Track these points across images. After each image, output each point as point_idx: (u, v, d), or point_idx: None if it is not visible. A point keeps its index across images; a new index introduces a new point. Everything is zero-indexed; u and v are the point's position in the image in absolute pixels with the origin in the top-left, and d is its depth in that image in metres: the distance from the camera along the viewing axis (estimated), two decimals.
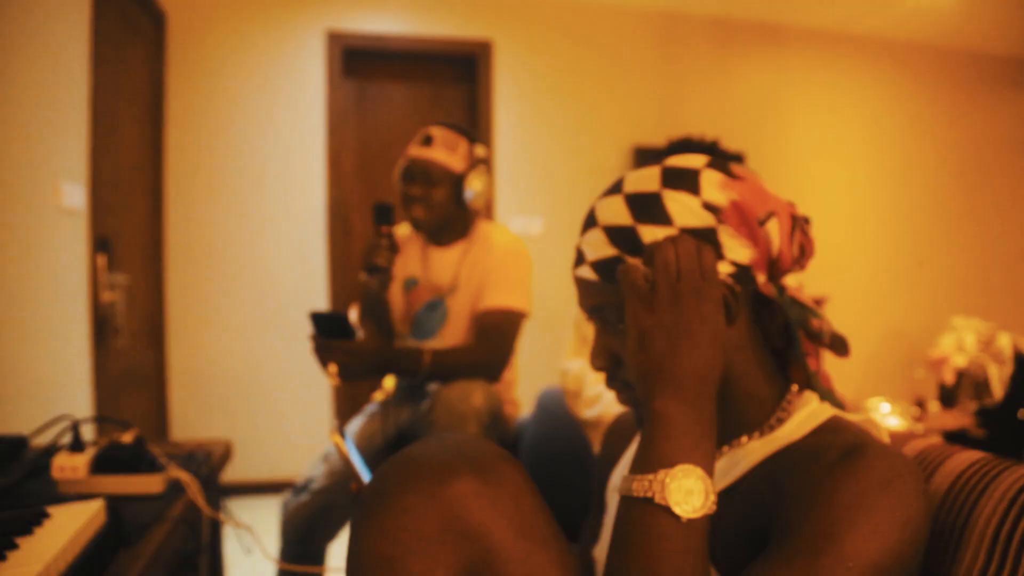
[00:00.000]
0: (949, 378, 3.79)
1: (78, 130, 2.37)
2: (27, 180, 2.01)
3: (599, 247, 0.71)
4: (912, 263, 4.77)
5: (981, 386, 3.58)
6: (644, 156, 4.05)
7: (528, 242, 3.74)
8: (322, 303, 3.69)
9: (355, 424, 1.95)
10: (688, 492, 0.58)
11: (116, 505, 0.88)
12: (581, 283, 0.74)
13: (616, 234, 0.70)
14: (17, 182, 1.95)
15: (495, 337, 1.76)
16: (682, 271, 0.64)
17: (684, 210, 0.68)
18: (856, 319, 4.62)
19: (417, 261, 1.93)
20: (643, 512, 0.59)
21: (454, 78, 4.05)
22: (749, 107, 4.40)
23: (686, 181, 0.70)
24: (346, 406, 3.70)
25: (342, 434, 0.78)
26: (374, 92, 3.95)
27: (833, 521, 0.57)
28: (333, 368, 1.55)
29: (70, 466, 1.03)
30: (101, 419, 1.22)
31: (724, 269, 0.68)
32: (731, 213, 0.69)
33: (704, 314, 0.64)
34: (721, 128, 4.25)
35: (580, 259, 0.73)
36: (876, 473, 0.59)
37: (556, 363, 1.92)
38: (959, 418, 3.37)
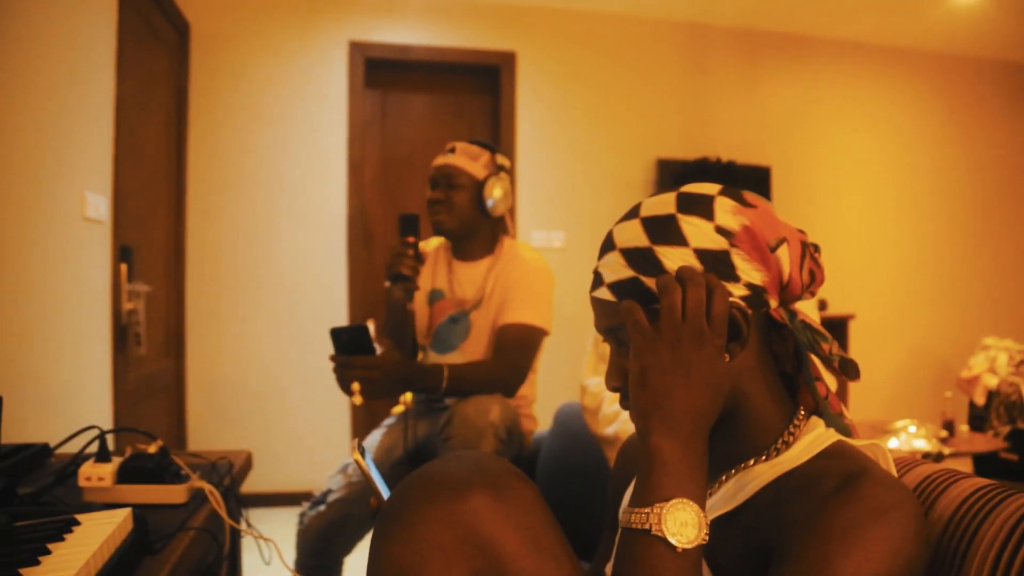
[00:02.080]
0: (980, 399, 3.73)
1: (103, 141, 2.40)
2: (53, 190, 2.04)
3: (617, 269, 0.73)
4: (942, 280, 4.70)
5: (1013, 407, 3.52)
6: (667, 169, 4.05)
7: (549, 256, 3.75)
8: (342, 314, 3.71)
9: (374, 437, 1.96)
10: (683, 524, 0.62)
11: (142, 514, 0.89)
12: (598, 304, 0.76)
13: (634, 256, 0.72)
14: (43, 192, 1.98)
15: (513, 352, 1.78)
16: (688, 314, 0.67)
17: (699, 233, 0.71)
18: (883, 337, 4.58)
19: (443, 275, 1.95)
20: (642, 543, 0.62)
21: (476, 89, 4.08)
22: (775, 119, 4.39)
23: (700, 207, 0.72)
24: (365, 418, 3.71)
25: (362, 451, 0.79)
26: (396, 102, 3.98)
27: (828, 548, 0.60)
28: (356, 386, 1.54)
29: (96, 475, 1.04)
30: (127, 429, 1.24)
31: (738, 291, 0.71)
32: (743, 238, 0.71)
33: (704, 358, 0.66)
34: (746, 141, 4.25)
35: (598, 281, 0.76)
36: (871, 502, 0.61)
37: (575, 378, 1.92)
38: (990, 441, 3.31)
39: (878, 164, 4.60)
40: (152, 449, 1.10)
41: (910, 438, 3.47)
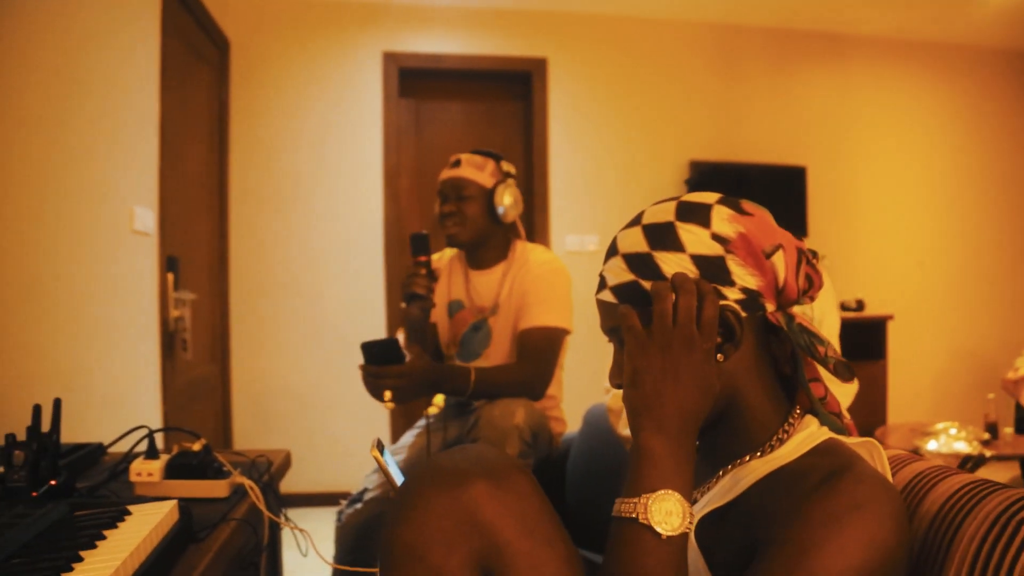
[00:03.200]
0: None
1: (149, 157, 2.52)
2: (103, 205, 2.15)
3: (619, 273, 0.78)
4: (986, 279, 4.60)
5: None
6: (700, 171, 4.05)
7: (583, 260, 3.83)
8: (380, 319, 3.80)
9: (407, 438, 2.03)
10: (668, 513, 0.67)
11: (187, 506, 0.96)
12: (602, 306, 0.81)
13: (634, 261, 0.77)
14: (94, 207, 2.10)
15: (536, 356, 1.82)
16: (678, 320, 0.71)
17: (695, 240, 0.75)
18: (924, 338, 4.51)
19: (461, 285, 2.01)
20: (630, 530, 0.67)
21: (508, 95, 4.14)
22: (810, 119, 4.36)
23: (698, 215, 0.76)
24: (403, 420, 3.79)
25: (380, 448, 0.85)
26: (430, 111, 4.06)
27: (805, 539, 0.64)
28: (388, 394, 1.61)
29: (146, 471, 1.12)
30: (174, 429, 1.32)
31: (733, 295, 0.75)
32: (739, 244, 0.75)
33: (693, 361, 0.71)
34: (780, 141, 4.24)
35: (602, 284, 0.81)
36: (849, 496, 0.65)
37: (604, 380, 1.96)
38: None
39: (916, 161, 4.54)
40: (196, 447, 1.18)
41: (950, 440, 3.41)
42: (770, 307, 0.77)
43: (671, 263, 0.75)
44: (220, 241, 3.55)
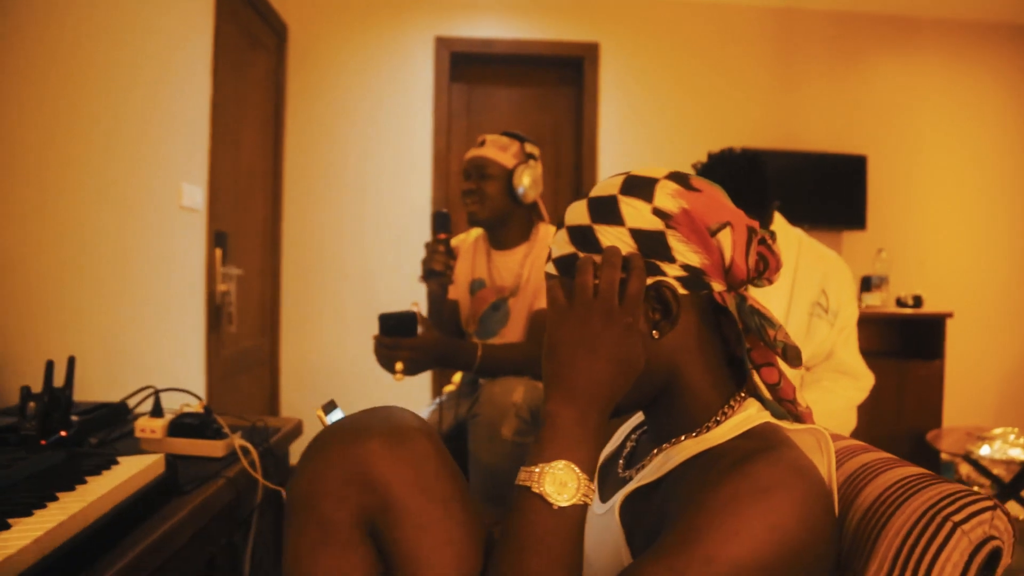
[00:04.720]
0: None
1: (199, 136, 2.64)
2: (152, 181, 2.28)
3: (562, 245, 0.78)
4: None
5: None
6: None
7: None
8: (423, 300, 3.88)
9: (424, 413, 2.09)
10: (562, 484, 0.66)
11: (175, 461, 1.04)
12: (547, 278, 0.81)
13: (576, 233, 0.77)
14: (143, 183, 2.22)
15: (542, 337, 1.84)
16: (600, 293, 0.70)
17: (635, 214, 0.74)
18: (988, 338, 4.31)
19: (483, 265, 2.05)
20: (524, 498, 0.67)
21: (560, 81, 4.14)
22: (872, 106, 4.20)
23: (642, 189, 0.75)
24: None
25: (328, 410, 0.90)
26: (481, 96, 4.10)
27: (703, 520, 0.62)
28: (400, 365, 1.66)
29: (150, 428, 1.21)
30: (175, 389, 1.40)
31: (673, 272, 0.74)
32: (681, 220, 0.73)
33: (611, 335, 0.70)
34: (840, 129, 4.12)
35: (548, 256, 0.81)
36: (755, 479, 0.63)
37: None
38: None
39: (985, 151, 4.31)
40: (198, 408, 1.25)
41: (1005, 446, 3.29)
42: (717, 286, 0.75)
43: (610, 236, 0.74)
44: (273, 220, 3.69)
